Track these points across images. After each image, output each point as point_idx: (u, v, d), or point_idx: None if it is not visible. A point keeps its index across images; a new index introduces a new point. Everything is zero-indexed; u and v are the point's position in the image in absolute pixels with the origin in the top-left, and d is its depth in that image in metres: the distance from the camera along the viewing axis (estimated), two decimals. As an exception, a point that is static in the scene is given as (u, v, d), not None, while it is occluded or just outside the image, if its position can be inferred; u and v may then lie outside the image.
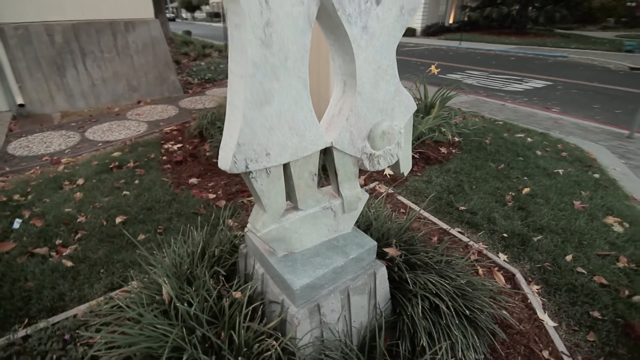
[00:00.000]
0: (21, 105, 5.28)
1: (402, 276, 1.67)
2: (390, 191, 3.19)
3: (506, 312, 1.79)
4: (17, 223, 2.66)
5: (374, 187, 3.29)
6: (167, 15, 19.44)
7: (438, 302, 1.55)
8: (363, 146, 1.40)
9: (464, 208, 2.96)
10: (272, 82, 1.07)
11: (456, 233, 2.61)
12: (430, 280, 1.62)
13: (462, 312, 1.57)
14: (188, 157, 3.85)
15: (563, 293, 2.13)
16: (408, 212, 2.26)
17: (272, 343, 1.28)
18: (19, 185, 3.26)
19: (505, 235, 2.63)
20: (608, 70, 10.86)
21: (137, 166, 3.66)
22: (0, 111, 5.29)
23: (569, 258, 2.39)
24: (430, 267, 1.72)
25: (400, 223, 2.00)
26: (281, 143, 1.17)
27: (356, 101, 1.29)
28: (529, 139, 4.59)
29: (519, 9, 20.21)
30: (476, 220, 2.80)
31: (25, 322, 1.83)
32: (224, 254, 1.77)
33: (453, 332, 1.51)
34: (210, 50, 12.07)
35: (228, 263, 1.74)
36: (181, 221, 2.70)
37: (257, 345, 1.29)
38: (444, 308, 1.54)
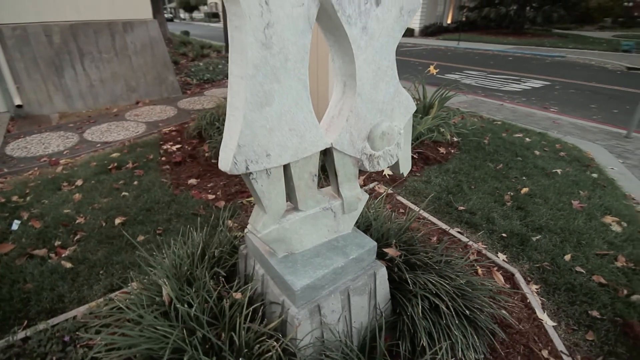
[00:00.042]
0: (19, 106, 5.26)
1: (402, 276, 1.67)
2: (389, 191, 3.20)
3: (505, 312, 1.79)
4: (16, 224, 2.65)
5: (373, 188, 3.29)
6: (165, 15, 19.40)
7: (438, 302, 1.56)
8: (363, 147, 1.40)
9: (463, 208, 2.97)
10: (273, 84, 1.07)
11: (455, 233, 2.61)
12: (430, 280, 1.62)
13: (462, 312, 1.57)
14: (187, 158, 3.85)
15: (562, 292, 2.14)
16: (407, 213, 2.27)
17: (273, 344, 1.28)
18: (18, 186, 3.25)
19: (504, 235, 2.64)
20: (605, 70, 10.90)
21: (136, 167, 3.65)
22: (-2, 112, 5.28)
23: (568, 257, 2.40)
24: (430, 267, 1.72)
25: (399, 223, 2.01)
26: (281, 144, 1.17)
27: (356, 102, 1.29)
28: (527, 139, 4.60)
29: (517, 9, 20.27)
30: (475, 220, 2.81)
31: (24, 324, 1.83)
32: (224, 255, 1.77)
33: (453, 332, 1.52)
34: (208, 50, 12.06)
35: (228, 264, 1.74)
36: (180, 222, 2.70)
37: (258, 346, 1.29)
38: (444, 308, 1.54)
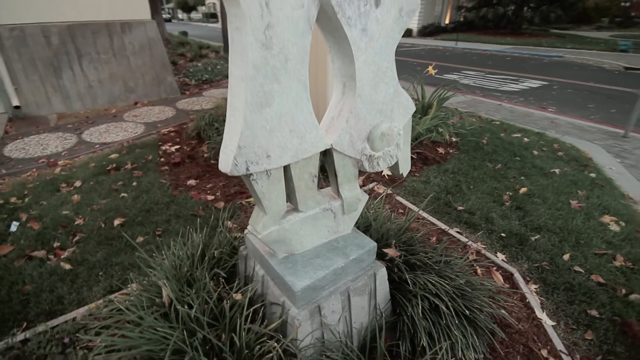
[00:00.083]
0: (17, 107, 5.25)
1: (402, 277, 1.67)
2: (388, 192, 3.20)
3: (505, 312, 1.80)
4: (14, 226, 2.64)
5: (373, 188, 3.29)
6: (163, 16, 19.37)
7: (438, 302, 1.56)
8: (363, 148, 1.41)
9: (462, 208, 2.98)
10: (273, 84, 1.07)
11: (454, 233, 2.62)
12: (429, 280, 1.62)
13: (462, 312, 1.58)
14: (186, 159, 3.84)
15: (561, 292, 2.15)
16: (407, 213, 2.27)
17: (273, 345, 1.28)
18: (16, 187, 3.24)
19: (503, 235, 2.65)
20: (603, 69, 10.94)
21: (135, 168, 3.65)
22: (-5, 113, 5.26)
23: (567, 257, 2.41)
24: (429, 268, 1.72)
25: (399, 224, 2.01)
26: (281, 145, 1.17)
27: (356, 103, 1.30)
28: (526, 139, 4.62)
29: (515, 10, 20.32)
30: (474, 220, 2.82)
31: (23, 326, 1.82)
32: (224, 256, 1.77)
33: (453, 332, 1.52)
34: (206, 51, 12.05)
35: (228, 265, 1.74)
36: (180, 223, 2.69)
37: (258, 347, 1.29)
38: (444, 308, 1.55)
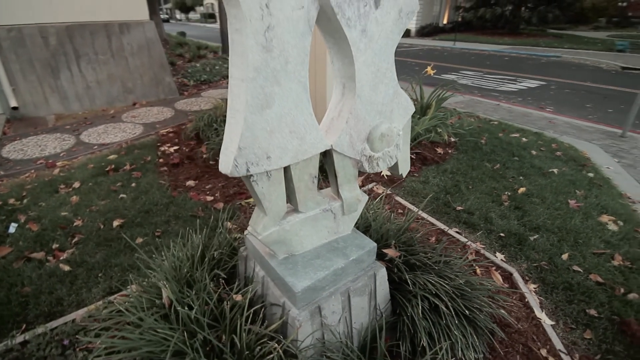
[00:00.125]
0: (15, 108, 5.23)
1: (402, 277, 1.68)
2: (388, 192, 3.21)
3: (504, 311, 1.80)
4: (13, 227, 2.63)
5: (372, 188, 3.30)
6: (161, 16, 19.35)
7: (437, 303, 1.56)
8: (362, 148, 1.41)
9: (461, 208, 2.99)
10: (273, 86, 1.07)
11: (454, 233, 2.62)
12: (429, 280, 1.63)
13: (462, 312, 1.58)
14: (185, 160, 3.84)
15: (560, 291, 2.15)
16: (406, 213, 2.27)
17: (274, 346, 1.28)
18: (14, 189, 3.23)
19: (502, 234, 2.65)
20: (600, 69, 10.98)
21: (134, 169, 3.64)
22: (-7, 114, 5.24)
23: (565, 257, 2.42)
24: (429, 268, 1.73)
25: (398, 224, 2.01)
26: (282, 146, 1.17)
27: (355, 104, 1.30)
28: (524, 139, 4.63)
29: (512, 10, 20.38)
30: (473, 220, 2.83)
31: (23, 328, 1.82)
32: (224, 257, 1.77)
33: (453, 332, 1.52)
34: (205, 51, 12.04)
35: (228, 266, 1.74)
36: (179, 224, 2.69)
37: (259, 348, 1.29)
38: (444, 308, 1.55)
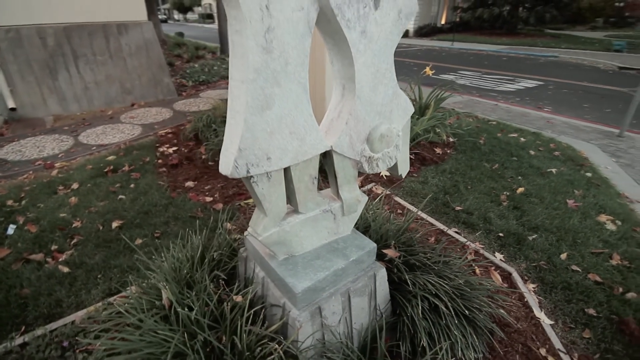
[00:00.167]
0: (13, 109, 5.21)
1: (402, 277, 1.68)
2: (387, 192, 3.21)
3: (504, 311, 1.81)
4: (11, 229, 2.62)
5: (371, 189, 3.30)
6: (159, 16, 19.33)
7: (437, 303, 1.57)
8: (362, 149, 1.41)
9: (460, 208, 2.99)
10: (273, 87, 1.07)
11: (453, 233, 2.63)
12: (429, 280, 1.63)
13: (461, 312, 1.59)
14: (184, 160, 3.83)
15: (558, 291, 2.16)
16: (406, 214, 2.28)
17: (275, 346, 1.28)
18: (12, 190, 3.22)
19: (501, 234, 2.66)
20: (597, 69, 11.02)
21: (133, 170, 3.63)
22: (-9, 115, 5.22)
23: (564, 256, 2.43)
24: (428, 268, 1.73)
25: (398, 224, 2.02)
26: (282, 147, 1.17)
27: (355, 105, 1.30)
28: (522, 139, 4.65)
29: (510, 10, 20.44)
30: (472, 220, 2.83)
31: (22, 330, 1.81)
32: (224, 258, 1.77)
33: (452, 332, 1.53)
34: (203, 52, 12.03)
35: (228, 267, 1.74)
36: (178, 225, 2.69)
37: (260, 349, 1.29)
38: (443, 308, 1.55)
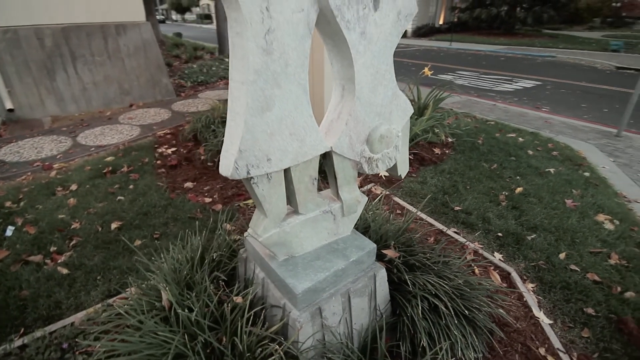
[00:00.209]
0: (10, 110, 5.20)
1: (402, 277, 1.68)
2: (386, 193, 3.21)
3: (503, 311, 1.81)
4: (10, 230, 2.61)
5: (370, 189, 3.31)
6: (157, 17, 19.30)
7: (437, 303, 1.57)
8: (362, 150, 1.42)
9: (459, 208, 3.00)
10: (273, 89, 1.08)
11: (452, 233, 2.63)
12: (429, 281, 1.63)
13: (461, 312, 1.59)
14: (183, 161, 3.83)
15: (557, 290, 2.17)
16: (405, 214, 2.28)
17: (275, 347, 1.28)
18: (11, 191, 3.21)
19: (499, 234, 2.67)
20: (595, 69, 11.07)
21: (131, 171, 3.63)
22: (-12, 116, 5.20)
23: (562, 256, 2.43)
24: (428, 268, 1.74)
25: (397, 225, 2.02)
26: (282, 148, 1.18)
27: (355, 105, 1.30)
28: (520, 139, 4.66)
29: (508, 10, 20.49)
30: (471, 220, 2.84)
31: (21, 332, 1.81)
32: (224, 259, 1.77)
33: (452, 332, 1.53)
34: (201, 52, 12.02)
35: (228, 268, 1.74)
36: (178, 226, 2.68)
37: (260, 350, 1.30)
38: (443, 308, 1.56)
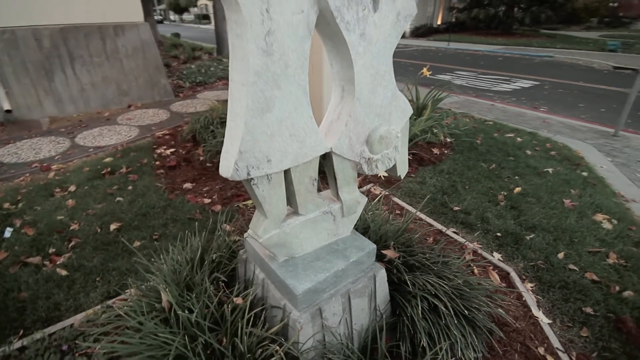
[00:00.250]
0: (8, 111, 5.18)
1: (401, 278, 1.69)
2: (385, 193, 3.22)
3: (502, 311, 1.82)
4: (8, 232, 2.61)
5: (369, 189, 3.31)
6: (155, 17, 19.27)
7: (437, 303, 1.58)
8: (361, 151, 1.42)
9: (458, 208, 3.01)
10: (273, 90, 1.08)
11: (451, 233, 2.64)
12: (428, 281, 1.64)
13: (461, 312, 1.60)
14: (181, 162, 3.82)
15: (556, 290, 2.18)
16: (404, 214, 2.29)
17: (275, 348, 1.28)
18: (9, 193, 3.20)
19: (498, 234, 2.68)
20: (592, 69, 11.10)
21: (130, 172, 3.62)
22: (-14, 117, 5.18)
23: (561, 255, 2.44)
24: (428, 268, 1.74)
25: (397, 225, 2.03)
26: (282, 149, 1.18)
27: (354, 106, 1.31)
28: (519, 139, 4.67)
29: (505, 10, 20.54)
30: (470, 220, 2.85)
31: (20, 333, 1.80)
32: (223, 260, 1.77)
33: (452, 332, 1.54)
34: (200, 52, 12.00)
35: (227, 269, 1.74)
36: (177, 227, 2.68)
37: (260, 350, 1.30)
38: (443, 308, 1.56)
